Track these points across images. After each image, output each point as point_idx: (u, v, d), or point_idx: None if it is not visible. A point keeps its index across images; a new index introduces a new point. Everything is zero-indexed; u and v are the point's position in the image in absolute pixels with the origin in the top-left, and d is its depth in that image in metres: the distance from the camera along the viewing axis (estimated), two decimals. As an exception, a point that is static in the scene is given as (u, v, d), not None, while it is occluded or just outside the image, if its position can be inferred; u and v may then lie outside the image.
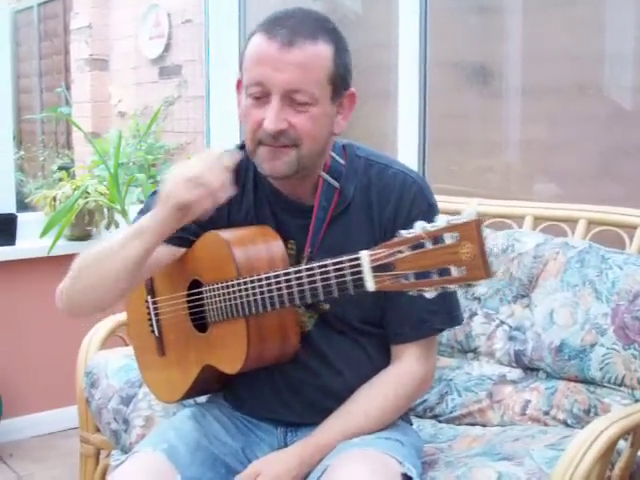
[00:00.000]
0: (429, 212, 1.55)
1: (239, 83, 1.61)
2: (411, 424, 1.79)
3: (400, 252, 1.25)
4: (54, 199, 3.23)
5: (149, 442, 1.64)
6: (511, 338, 2.13)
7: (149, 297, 1.78)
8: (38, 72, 6.84)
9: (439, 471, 1.68)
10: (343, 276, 1.37)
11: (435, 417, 2.13)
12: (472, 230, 1.19)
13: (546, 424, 1.99)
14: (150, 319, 1.79)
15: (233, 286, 1.54)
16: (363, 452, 1.51)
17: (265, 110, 1.50)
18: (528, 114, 2.96)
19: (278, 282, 1.47)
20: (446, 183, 3.03)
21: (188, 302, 1.68)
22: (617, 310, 1.96)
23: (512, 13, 3.01)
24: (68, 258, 1.65)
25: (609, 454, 1.65)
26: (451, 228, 1.21)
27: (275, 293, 1.48)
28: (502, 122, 3.07)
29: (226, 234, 1.60)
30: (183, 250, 1.67)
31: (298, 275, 1.44)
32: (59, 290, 1.64)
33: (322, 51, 1.52)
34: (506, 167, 3.04)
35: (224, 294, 1.56)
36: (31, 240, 3.19)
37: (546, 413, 2.01)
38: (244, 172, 1.66)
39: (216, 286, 1.58)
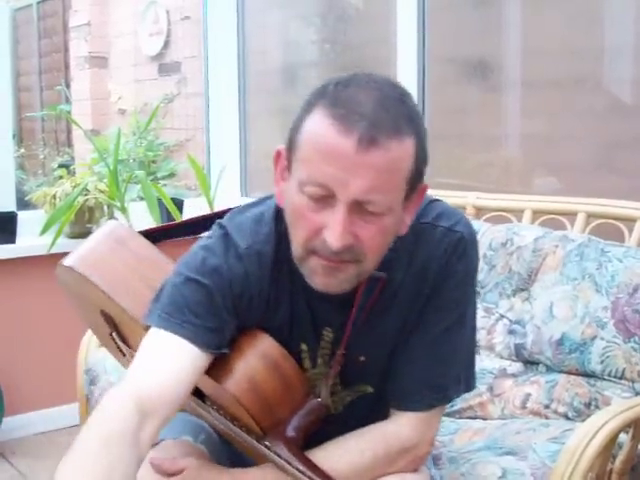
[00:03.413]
0: (464, 277, 1.41)
1: (278, 156, 1.30)
2: None
3: None
4: (54, 197, 3.23)
5: (187, 430, 1.55)
6: (511, 332, 2.13)
7: (114, 333, 1.59)
8: (38, 70, 6.84)
9: (444, 469, 1.68)
10: None
11: (436, 411, 2.13)
12: None
13: (547, 417, 1.99)
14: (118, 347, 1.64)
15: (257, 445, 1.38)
16: None
17: (326, 216, 1.20)
18: (527, 108, 2.95)
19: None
20: (446, 177, 3.03)
21: None
22: (617, 303, 1.96)
23: (510, 6, 3.01)
24: (68, 256, 1.64)
25: (610, 447, 1.65)
26: None
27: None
28: (501, 116, 3.06)
29: (237, 389, 1.35)
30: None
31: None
32: None
33: (406, 148, 1.20)
34: (506, 161, 3.03)
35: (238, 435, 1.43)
36: (31, 238, 3.19)
37: (547, 406, 2.01)
38: (278, 265, 1.38)
39: (222, 417, 1.43)
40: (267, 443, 1.36)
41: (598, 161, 2.71)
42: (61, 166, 4.08)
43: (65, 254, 1.57)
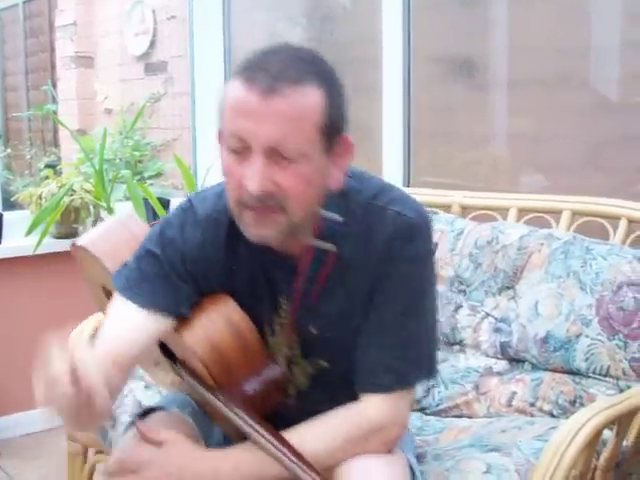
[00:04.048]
0: (414, 261, 1.43)
1: (220, 134, 1.40)
2: None
3: None
4: (40, 197, 3.22)
5: (176, 403, 1.65)
6: (496, 330, 2.14)
7: None
8: (24, 70, 6.81)
9: (428, 464, 1.68)
10: None
11: (422, 410, 2.13)
12: None
13: (532, 415, 2.00)
14: None
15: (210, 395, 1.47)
16: None
17: (247, 167, 1.31)
18: (514, 106, 2.96)
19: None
20: (432, 176, 3.04)
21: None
22: (601, 301, 1.97)
23: (496, 5, 3.01)
24: (54, 256, 1.65)
25: (594, 444, 1.65)
26: None
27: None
28: (487, 115, 3.07)
29: (198, 346, 1.47)
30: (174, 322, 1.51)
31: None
32: None
33: (310, 97, 1.30)
34: (492, 159, 3.04)
35: (197, 392, 1.51)
36: (17, 238, 3.17)
37: (532, 404, 2.01)
38: (234, 235, 1.45)
39: (190, 378, 1.51)
40: (221, 397, 1.45)
41: (585, 159, 2.72)
42: (47, 166, 4.07)
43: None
